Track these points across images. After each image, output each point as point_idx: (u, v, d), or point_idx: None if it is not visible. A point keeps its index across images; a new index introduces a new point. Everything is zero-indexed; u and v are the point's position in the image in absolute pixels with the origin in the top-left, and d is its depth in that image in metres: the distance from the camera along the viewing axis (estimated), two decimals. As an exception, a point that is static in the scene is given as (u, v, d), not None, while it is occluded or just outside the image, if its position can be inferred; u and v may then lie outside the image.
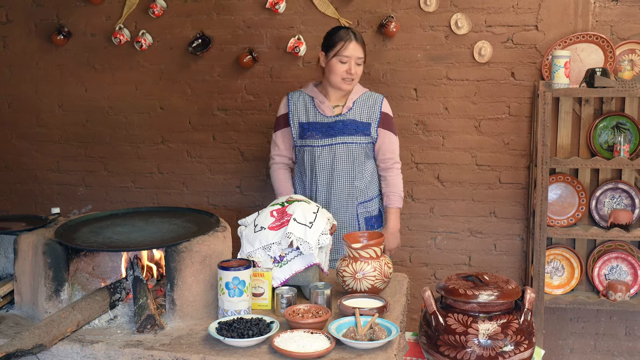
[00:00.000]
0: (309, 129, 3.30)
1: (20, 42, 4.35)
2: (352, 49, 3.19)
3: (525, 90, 3.79)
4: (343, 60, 3.20)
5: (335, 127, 3.28)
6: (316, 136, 3.29)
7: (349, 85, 3.25)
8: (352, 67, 3.20)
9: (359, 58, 3.22)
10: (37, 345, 2.13)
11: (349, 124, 3.27)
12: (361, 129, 3.28)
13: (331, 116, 3.29)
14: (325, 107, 3.30)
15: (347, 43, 3.19)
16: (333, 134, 3.27)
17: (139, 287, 2.46)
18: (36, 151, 4.47)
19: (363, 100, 3.31)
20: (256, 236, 2.66)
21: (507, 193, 3.90)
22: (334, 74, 3.23)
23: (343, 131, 3.27)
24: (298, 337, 2.23)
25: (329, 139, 3.28)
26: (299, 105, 3.35)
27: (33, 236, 2.51)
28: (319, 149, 3.29)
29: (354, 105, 3.29)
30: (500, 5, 3.73)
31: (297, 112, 3.34)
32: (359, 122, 3.28)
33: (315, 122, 3.30)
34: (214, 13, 4.07)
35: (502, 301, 2.27)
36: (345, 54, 3.19)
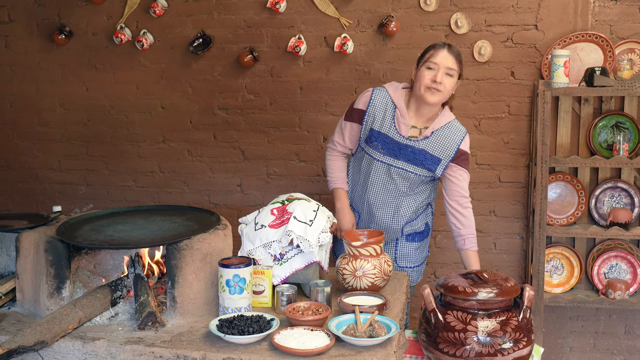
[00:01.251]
0: (377, 138, 3.05)
1: (21, 41, 4.36)
2: (442, 57, 2.91)
3: (525, 89, 3.80)
4: (430, 67, 2.92)
5: (403, 150, 3.03)
6: (381, 149, 3.04)
7: (432, 97, 2.92)
8: (439, 76, 2.89)
9: (450, 69, 2.91)
10: (38, 342, 2.14)
11: (418, 154, 3.02)
12: (428, 163, 3.03)
13: (405, 137, 3.02)
14: (403, 125, 3.02)
15: (437, 50, 2.93)
16: (397, 156, 3.03)
17: (140, 285, 2.47)
18: (38, 150, 4.49)
19: (444, 133, 3.02)
20: (257, 234, 2.68)
21: (507, 192, 3.91)
22: (419, 82, 2.94)
23: (409, 157, 3.02)
24: (298, 334, 2.25)
25: (392, 159, 3.04)
26: (379, 109, 3.06)
27: (35, 234, 2.53)
28: (378, 163, 3.07)
29: (432, 135, 3.01)
30: (500, 4, 3.75)
31: (374, 116, 3.06)
32: (429, 155, 3.02)
33: (387, 136, 3.03)
34: (214, 12, 4.08)
35: (501, 299, 2.28)
36: (434, 60, 2.91)
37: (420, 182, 3.10)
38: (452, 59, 2.92)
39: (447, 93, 2.96)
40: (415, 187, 3.11)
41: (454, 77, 2.95)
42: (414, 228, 3.22)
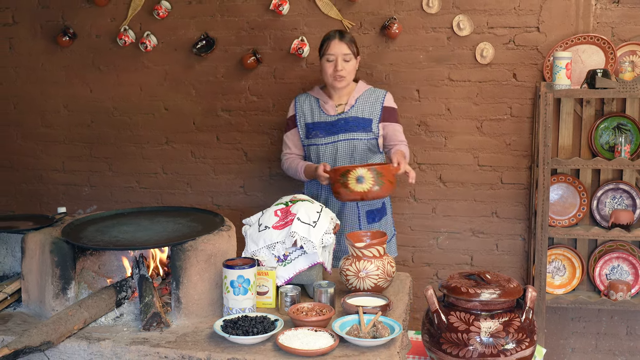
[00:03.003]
0: (313, 128, 3.41)
1: (25, 43, 4.38)
2: (335, 47, 3.29)
3: (527, 91, 3.81)
4: (329, 59, 3.31)
5: (337, 124, 3.36)
6: (320, 135, 3.38)
7: (340, 83, 3.32)
8: (339, 64, 3.28)
9: (345, 54, 3.29)
10: (44, 342, 2.16)
11: (351, 121, 3.35)
12: (362, 125, 3.35)
13: (334, 115, 3.39)
14: (329, 107, 3.40)
15: (330, 42, 3.31)
16: (335, 132, 3.36)
17: (145, 286, 2.49)
18: (41, 151, 4.51)
19: (366, 97, 3.40)
20: (260, 235, 2.69)
21: (509, 193, 3.93)
22: (325, 74, 3.36)
23: (345, 128, 3.35)
24: (302, 334, 2.26)
25: (332, 137, 3.36)
26: (305, 107, 3.46)
27: (40, 235, 2.55)
28: (323, 147, 3.38)
29: (357, 102, 3.38)
30: (502, 7, 3.76)
31: (304, 114, 3.46)
32: (361, 119, 3.36)
33: (320, 122, 3.40)
34: (218, 14, 4.10)
35: (504, 299, 2.29)
36: (330, 52, 3.30)
37: (366, 149, 3.36)
38: (345, 45, 3.30)
39: (351, 75, 3.35)
40: (362, 159, 3.36)
41: (353, 59, 3.33)
42: (371, 205, 3.42)
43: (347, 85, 3.38)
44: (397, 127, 3.43)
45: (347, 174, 2.96)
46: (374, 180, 2.95)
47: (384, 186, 2.98)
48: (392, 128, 3.41)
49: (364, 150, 3.37)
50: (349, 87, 3.42)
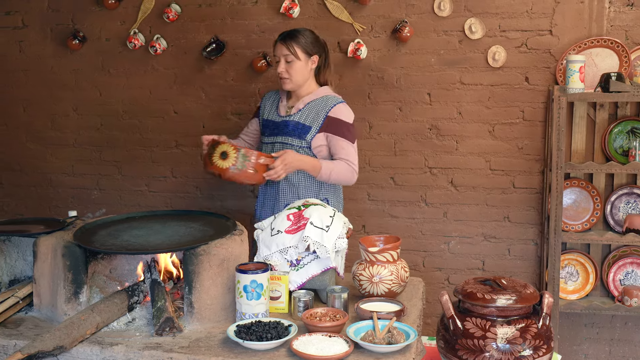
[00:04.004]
0: (265, 125, 3.38)
1: (35, 46, 4.38)
2: (277, 48, 3.26)
3: (540, 95, 3.79)
4: (275, 60, 3.29)
5: (279, 126, 3.30)
6: (266, 133, 3.35)
7: (285, 85, 3.26)
8: (282, 66, 3.22)
9: (285, 55, 3.22)
10: (57, 347, 2.14)
11: (292, 126, 3.26)
12: (300, 132, 3.23)
13: (283, 116, 3.32)
14: (282, 107, 3.35)
15: (274, 44, 3.29)
16: (276, 133, 3.30)
17: (157, 290, 2.47)
18: (51, 155, 4.50)
19: (316, 104, 3.27)
20: (273, 240, 2.67)
21: (521, 198, 3.90)
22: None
23: (284, 131, 3.27)
24: (316, 340, 2.24)
25: (272, 137, 3.31)
26: (267, 103, 3.43)
27: (52, 239, 2.53)
28: (264, 145, 3.35)
29: (305, 107, 3.27)
30: (515, 10, 3.73)
31: (265, 108, 3.42)
32: (301, 124, 3.24)
33: (270, 120, 3.36)
34: (228, 18, 4.08)
35: (521, 305, 2.27)
36: (275, 54, 3.28)
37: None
38: (284, 47, 3.22)
39: (297, 76, 3.24)
40: None
41: (296, 60, 3.22)
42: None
43: (295, 88, 3.27)
44: (343, 144, 3.20)
45: (215, 146, 2.90)
46: (235, 160, 2.85)
47: (244, 171, 2.88)
48: (337, 144, 3.20)
49: None
50: (307, 89, 3.30)
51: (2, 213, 4.60)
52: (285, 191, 3.28)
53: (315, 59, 3.28)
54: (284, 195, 3.28)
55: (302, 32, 3.27)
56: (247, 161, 2.86)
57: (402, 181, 4.03)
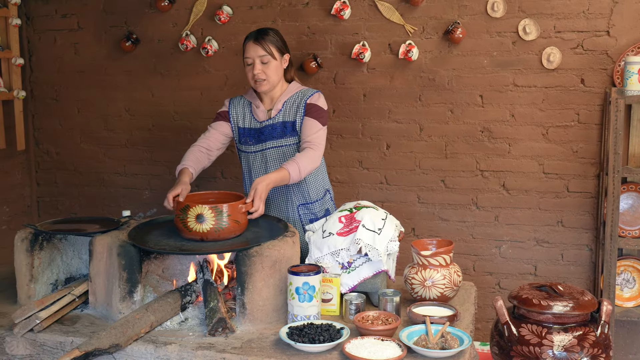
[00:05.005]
0: (244, 134, 3.23)
1: (90, 48, 4.46)
2: (250, 49, 3.09)
3: (596, 97, 3.70)
4: (247, 62, 3.12)
5: (265, 131, 3.18)
6: (250, 142, 3.21)
7: (262, 87, 3.11)
8: (257, 67, 3.08)
9: (261, 56, 3.07)
10: (113, 345, 2.17)
11: (277, 127, 3.16)
12: (289, 129, 3.16)
13: (263, 120, 3.19)
14: (260, 112, 3.21)
15: (246, 44, 3.12)
16: (263, 139, 3.17)
17: (210, 291, 2.49)
18: (104, 155, 4.57)
19: (294, 99, 3.18)
20: (324, 242, 2.66)
21: (576, 202, 3.81)
22: (248, 79, 3.15)
23: (272, 135, 3.16)
24: (369, 344, 2.22)
25: (260, 145, 3.18)
26: (238, 110, 3.26)
27: (108, 238, 2.57)
28: (252, 155, 3.21)
29: (284, 106, 3.17)
30: (570, 10, 3.66)
31: (237, 116, 3.26)
32: (288, 122, 3.16)
33: (249, 128, 3.22)
34: (279, 19, 4.10)
35: (578, 312, 2.22)
36: (246, 55, 3.11)
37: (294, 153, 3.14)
38: (259, 47, 3.08)
39: (273, 77, 3.12)
40: None
41: (272, 60, 3.10)
42: (313, 212, 3.26)
43: (271, 89, 3.15)
44: (313, 124, 3.09)
45: (187, 210, 2.56)
46: (215, 221, 2.55)
47: (228, 227, 2.59)
48: (308, 123, 3.11)
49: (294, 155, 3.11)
50: (279, 89, 3.19)
51: (56, 211, 4.70)
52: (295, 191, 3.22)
53: (287, 57, 3.20)
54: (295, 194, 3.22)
55: (272, 30, 3.17)
56: (227, 216, 2.58)
57: (452, 184, 3.98)
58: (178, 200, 2.68)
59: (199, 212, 2.55)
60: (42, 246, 2.68)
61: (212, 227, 2.55)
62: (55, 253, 2.74)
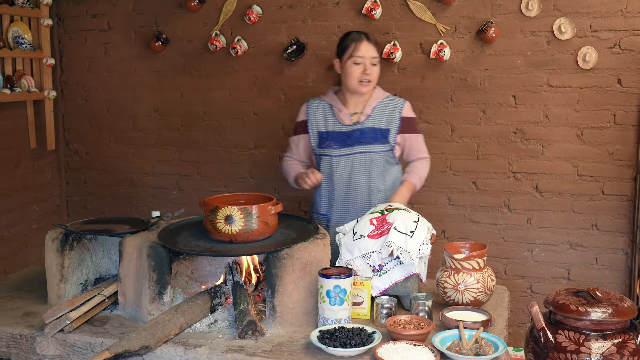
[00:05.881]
0: (327, 138, 3.18)
1: (120, 48, 4.47)
2: (364, 49, 3.08)
3: (633, 97, 3.62)
4: (357, 61, 3.08)
5: (352, 136, 3.14)
6: (334, 146, 3.16)
7: (366, 87, 3.11)
8: (368, 67, 3.07)
9: (373, 57, 3.09)
10: (143, 346, 2.16)
11: (367, 132, 3.13)
12: (380, 137, 3.14)
13: (349, 125, 3.15)
14: (344, 116, 3.16)
15: (358, 44, 3.08)
16: (351, 144, 3.14)
17: (239, 293, 2.46)
18: (132, 155, 4.58)
19: (383, 106, 3.17)
20: (355, 244, 2.62)
21: (611, 205, 3.73)
22: (350, 77, 3.10)
23: (361, 140, 3.13)
24: (401, 348, 2.18)
25: (347, 149, 3.14)
26: (318, 114, 3.22)
27: (138, 239, 2.55)
28: (337, 158, 3.16)
29: (373, 112, 3.15)
30: (608, 9, 3.58)
31: (316, 121, 3.22)
32: (378, 129, 3.13)
33: (334, 132, 3.17)
34: (309, 19, 4.07)
35: (617, 319, 2.16)
36: (359, 54, 3.07)
37: (383, 162, 3.16)
38: (372, 47, 3.10)
39: (376, 80, 3.14)
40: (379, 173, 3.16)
41: (378, 64, 3.14)
42: None
43: (370, 91, 3.16)
44: (418, 139, 3.21)
45: (216, 212, 2.53)
46: (244, 222, 2.51)
47: (258, 229, 2.53)
48: (413, 141, 3.20)
49: (381, 163, 3.16)
50: (366, 96, 3.18)
51: (85, 211, 4.72)
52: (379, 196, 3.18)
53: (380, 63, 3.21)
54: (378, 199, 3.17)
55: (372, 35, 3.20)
56: (257, 218, 2.53)
57: (484, 186, 3.92)
58: (208, 200, 2.66)
59: (228, 214, 2.52)
60: (72, 246, 2.67)
61: (241, 228, 2.52)
62: (85, 253, 2.74)
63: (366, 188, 3.17)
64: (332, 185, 3.20)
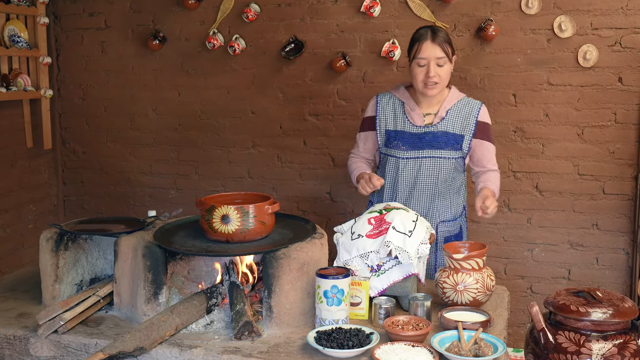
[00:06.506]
0: (395, 137, 2.99)
1: (117, 47, 4.44)
2: (428, 50, 2.83)
3: (634, 96, 3.59)
4: (421, 63, 2.85)
5: (424, 138, 2.94)
6: (402, 147, 2.97)
7: (432, 90, 2.87)
8: (432, 70, 2.83)
9: (439, 58, 2.83)
10: (138, 348, 2.13)
11: (440, 137, 2.93)
12: (452, 142, 2.94)
13: (421, 126, 2.96)
14: (416, 115, 2.97)
15: (421, 44, 2.84)
16: (421, 146, 2.95)
17: (236, 293, 2.43)
18: (130, 154, 4.56)
19: (458, 109, 2.96)
20: (353, 244, 2.59)
21: (612, 204, 3.71)
22: (415, 80, 2.89)
23: (432, 144, 2.94)
24: (400, 349, 2.15)
25: (416, 152, 2.95)
26: (388, 110, 3.03)
27: (133, 239, 2.52)
28: (404, 160, 2.98)
29: (448, 114, 2.94)
30: (608, 6, 3.55)
31: (385, 118, 3.03)
32: (451, 135, 2.94)
33: (403, 132, 2.97)
34: (307, 17, 4.04)
35: (618, 320, 2.13)
36: (422, 56, 2.84)
37: (452, 169, 2.98)
38: (438, 48, 2.83)
39: (445, 81, 2.90)
40: (446, 180, 2.99)
41: (447, 64, 2.87)
42: (450, 230, 3.07)
43: (438, 93, 2.93)
44: (490, 148, 3.00)
45: (212, 211, 2.49)
46: (241, 222, 2.46)
47: (255, 228, 2.49)
48: (485, 149, 2.99)
49: (450, 170, 2.98)
50: (441, 95, 2.98)
51: (82, 211, 4.69)
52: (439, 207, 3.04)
53: (454, 59, 2.94)
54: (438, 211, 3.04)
55: (442, 29, 2.94)
56: (254, 217, 2.50)
57: (484, 185, 3.89)
58: (205, 200, 2.63)
59: (225, 213, 2.48)
60: (67, 246, 2.64)
61: (238, 228, 2.48)
62: (80, 253, 2.71)
63: (430, 194, 3.00)
64: (395, 187, 3.04)
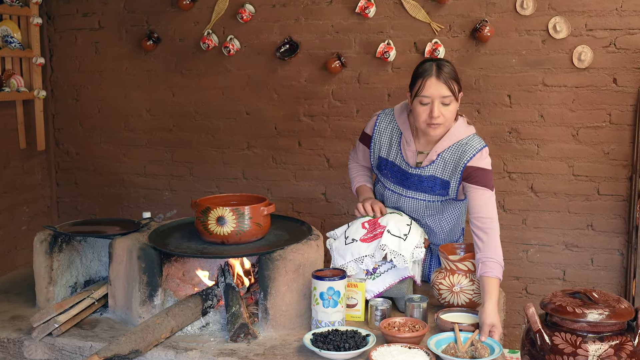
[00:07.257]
0: (386, 166, 2.79)
1: (111, 47, 4.42)
2: (432, 87, 2.51)
3: (628, 97, 3.59)
4: (424, 102, 2.53)
5: (410, 179, 2.72)
6: (390, 178, 2.79)
7: (435, 131, 2.57)
8: (436, 109, 2.51)
9: (444, 97, 2.52)
10: (133, 350, 2.12)
11: (425, 181, 2.69)
12: (439, 187, 2.69)
13: (412, 166, 2.70)
14: (410, 153, 2.70)
15: (425, 80, 2.52)
16: (407, 186, 2.74)
17: (232, 295, 2.42)
18: (124, 155, 4.53)
19: (452, 152, 2.64)
20: (347, 249, 2.58)
21: (606, 205, 3.71)
22: (417, 118, 2.58)
23: (417, 186, 2.72)
24: (396, 351, 2.15)
25: (400, 188, 2.77)
26: (384, 137, 2.78)
27: (128, 241, 2.51)
28: (389, 191, 2.83)
29: (438, 158, 2.65)
30: (603, 7, 3.55)
31: (380, 143, 2.79)
32: (439, 179, 2.68)
33: (394, 165, 2.76)
34: (302, 18, 4.03)
35: (614, 321, 2.14)
36: (425, 94, 2.52)
37: (434, 210, 2.80)
38: (443, 85, 2.52)
39: (450, 121, 2.59)
40: (432, 214, 2.82)
41: (453, 102, 2.55)
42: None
43: (444, 132, 2.63)
44: (480, 194, 2.60)
45: (208, 213, 2.48)
46: (237, 223, 2.46)
47: (250, 230, 2.49)
48: (478, 195, 2.61)
49: (431, 210, 2.79)
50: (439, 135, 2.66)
51: (76, 212, 4.67)
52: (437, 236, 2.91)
53: (461, 95, 2.63)
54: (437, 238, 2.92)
55: (448, 62, 2.62)
56: (249, 219, 2.49)
57: (479, 186, 3.88)
58: (200, 201, 2.61)
59: (220, 215, 2.48)
60: (61, 248, 2.63)
61: (233, 229, 2.48)
62: (75, 255, 2.69)
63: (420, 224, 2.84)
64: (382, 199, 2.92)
